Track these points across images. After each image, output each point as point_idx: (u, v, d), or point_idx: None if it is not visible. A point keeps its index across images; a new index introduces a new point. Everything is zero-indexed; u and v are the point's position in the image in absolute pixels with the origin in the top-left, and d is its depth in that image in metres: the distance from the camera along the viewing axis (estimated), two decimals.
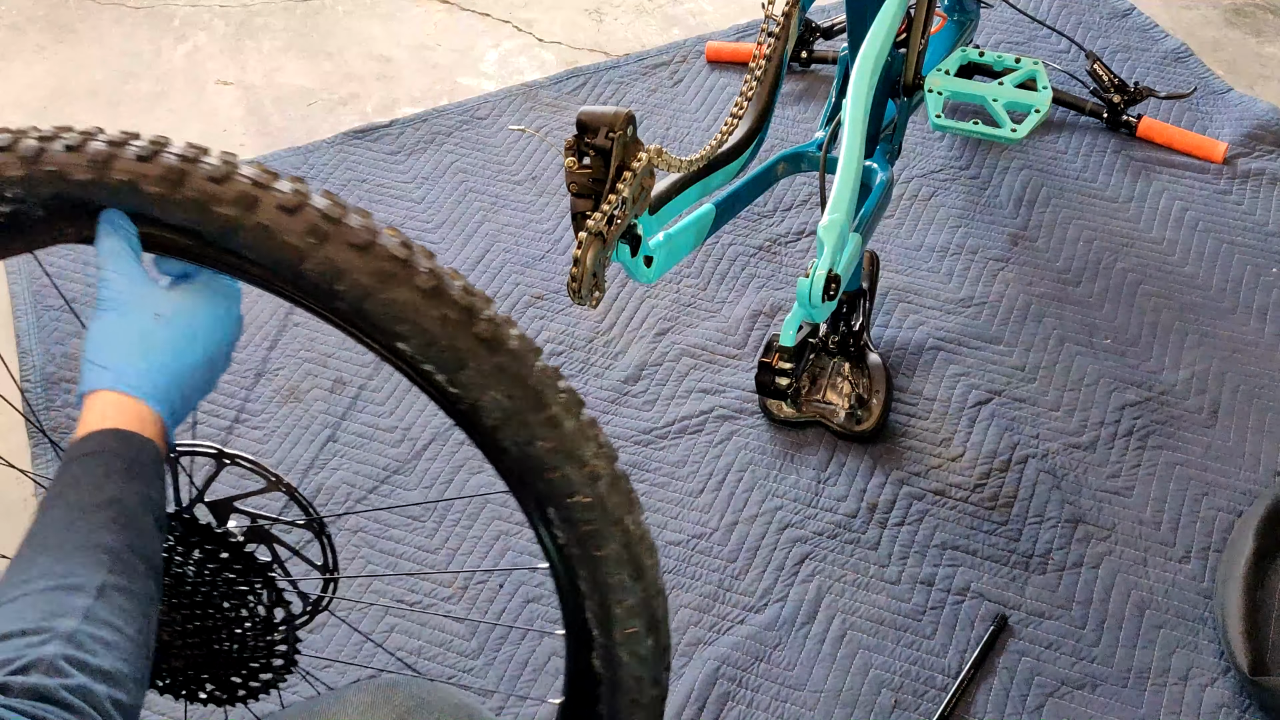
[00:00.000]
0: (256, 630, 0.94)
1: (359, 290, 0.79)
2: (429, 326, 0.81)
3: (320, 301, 0.81)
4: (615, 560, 0.91)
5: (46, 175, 0.79)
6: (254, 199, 0.78)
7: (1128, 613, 1.46)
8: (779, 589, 1.49)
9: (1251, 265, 1.82)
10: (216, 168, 0.79)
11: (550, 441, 0.86)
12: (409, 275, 0.80)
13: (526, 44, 2.25)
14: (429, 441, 1.63)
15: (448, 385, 0.84)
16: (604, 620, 0.95)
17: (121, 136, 0.80)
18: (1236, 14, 2.25)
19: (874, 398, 1.62)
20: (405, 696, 0.85)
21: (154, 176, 0.78)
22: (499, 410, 0.84)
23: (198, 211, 0.78)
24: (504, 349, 0.83)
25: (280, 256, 0.79)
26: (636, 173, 0.97)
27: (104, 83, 2.16)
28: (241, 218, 0.78)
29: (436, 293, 0.81)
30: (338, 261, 0.79)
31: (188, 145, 0.80)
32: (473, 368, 0.83)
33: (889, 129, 1.53)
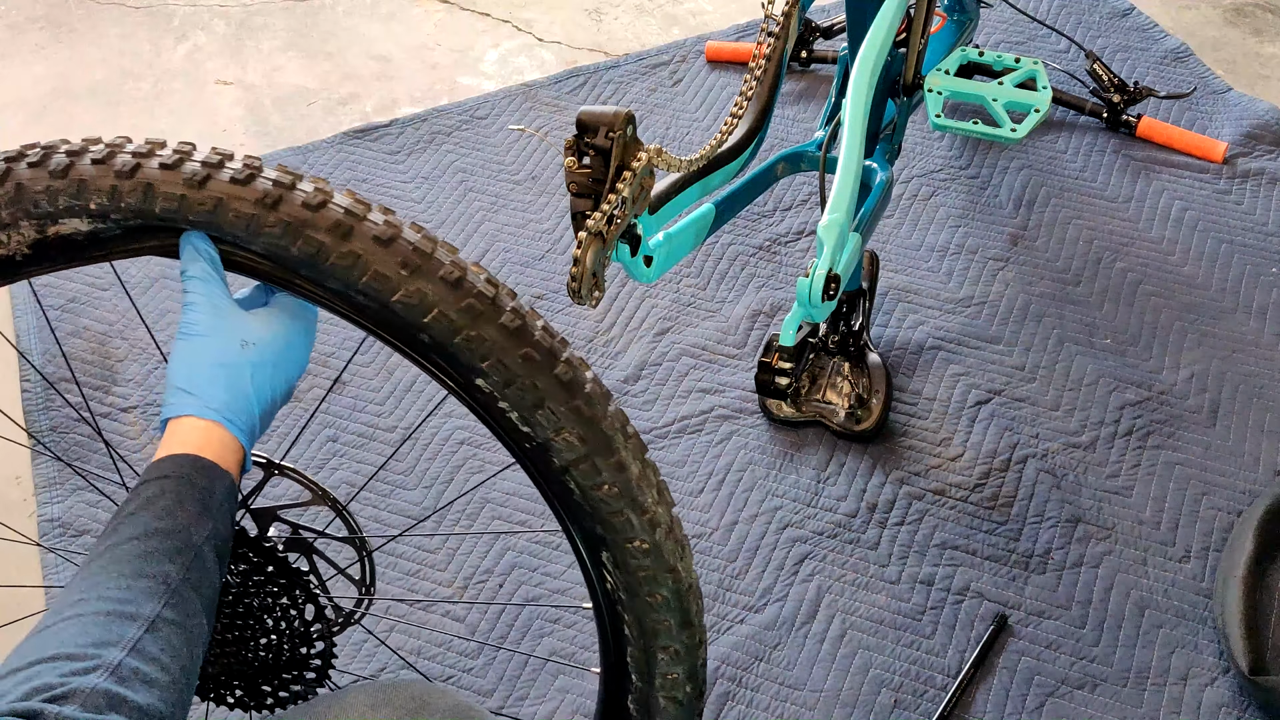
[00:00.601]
0: (290, 639, 0.94)
1: (447, 326, 0.80)
2: (512, 365, 0.82)
3: (401, 333, 0.82)
4: (665, 607, 0.92)
5: (139, 190, 0.79)
6: (348, 228, 0.79)
7: (1128, 612, 1.46)
8: (779, 589, 1.49)
9: (1251, 265, 1.82)
10: (311, 194, 0.79)
11: (616, 486, 0.86)
12: (496, 313, 0.81)
13: (526, 44, 2.25)
14: (428, 442, 1.63)
15: (520, 423, 0.85)
16: (645, 665, 0.95)
17: (217, 157, 0.80)
18: (1236, 14, 2.25)
19: (874, 397, 1.62)
20: (406, 698, 0.85)
21: (249, 200, 0.78)
22: (570, 451, 0.85)
23: (289, 237, 0.79)
24: (581, 392, 0.84)
25: (370, 286, 0.80)
26: (636, 172, 0.97)
27: (104, 82, 2.16)
28: (334, 246, 0.78)
29: (521, 332, 0.82)
30: (429, 295, 0.80)
31: (281, 169, 0.80)
32: (550, 408, 0.84)
33: (889, 129, 1.53)
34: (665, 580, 0.91)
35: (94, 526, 1.54)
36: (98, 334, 1.76)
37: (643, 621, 0.93)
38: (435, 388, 1.67)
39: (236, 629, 0.93)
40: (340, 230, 0.79)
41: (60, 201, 0.79)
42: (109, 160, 0.79)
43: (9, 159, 0.80)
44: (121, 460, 0.95)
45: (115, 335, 1.77)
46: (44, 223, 0.80)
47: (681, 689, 0.96)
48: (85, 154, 0.80)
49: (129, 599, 0.67)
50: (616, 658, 0.96)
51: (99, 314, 1.79)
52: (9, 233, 0.80)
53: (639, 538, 0.89)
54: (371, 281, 0.79)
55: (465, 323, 0.81)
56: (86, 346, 1.74)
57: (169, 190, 0.79)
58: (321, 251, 0.79)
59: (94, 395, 1.68)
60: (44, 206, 0.79)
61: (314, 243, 0.79)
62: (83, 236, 0.81)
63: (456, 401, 0.85)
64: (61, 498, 1.58)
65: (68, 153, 0.80)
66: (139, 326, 1.77)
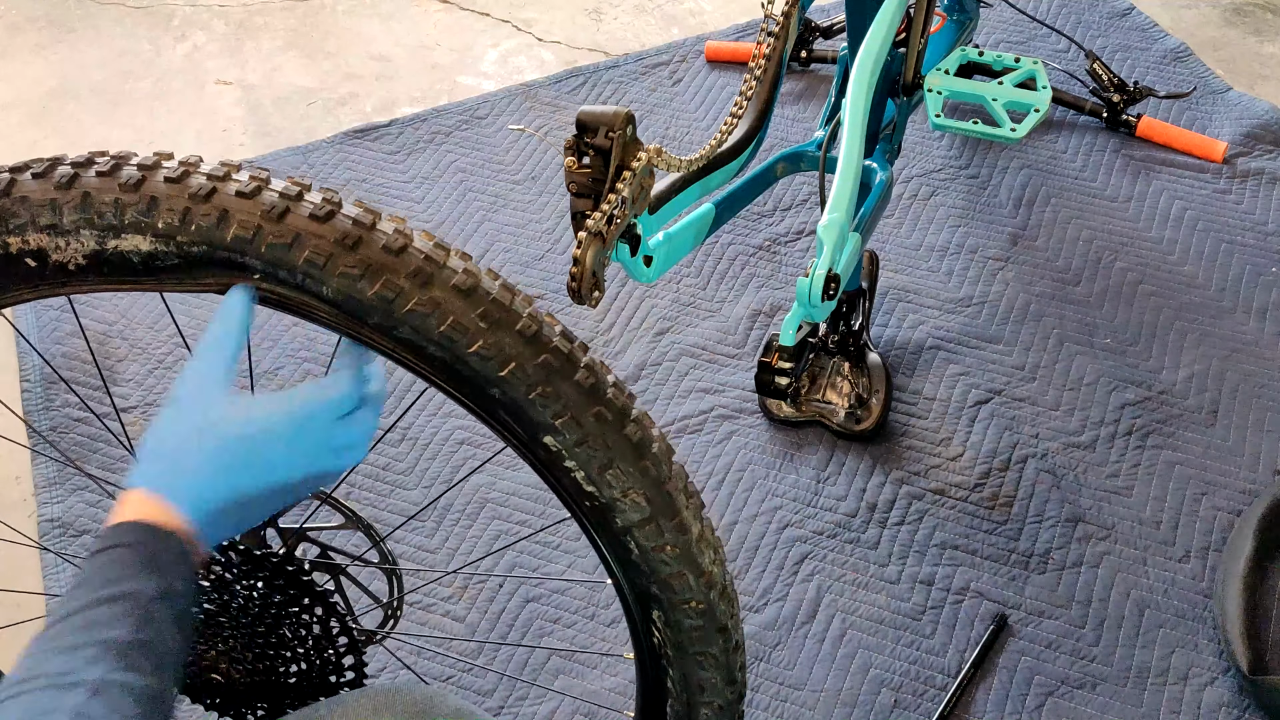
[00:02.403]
0: (313, 659, 0.93)
1: (522, 381, 0.78)
2: (585, 424, 0.80)
3: (469, 386, 0.78)
4: (713, 665, 0.91)
5: (213, 216, 0.75)
6: (429, 275, 0.76)
7: (1128, 612, 1.46)
8: (779, 589, 1.49)
9: (1251, 265, 1.82)
10: (392, 237, 0.76)
11: (678, 548, 0.85)
12: (571, 370, 0.79)
13: (526, 43, 2.25)
14: (428, 442, 1.63)
15: (585, 482, 0.82)
16: (686, 717, 0.95)
17: (296, 188, 0.77)
18: (1236, 14, 2.25)
19: (873, 397, 1.62)
20: (408, 702, 0.85)
21: (328, 239, 0.75)
22: (636, 513, 0.83)
23: (367, 281, 0.75)
24: (650, 452, 0.83)
25: (445, 337, 0.76)
26: (636, 172, 0.97)
27: (104, 82, 2.16)
28: (413, 293, 0.75)
29: (595, 390, 0.80)
30: (506, 349, 0.77)
31: (362, 207, 0.77)
32: (619, 468, 0.81)
33: (889, 128, 1.53)
34: (716, 639, 0.90)
35: (94, 526, 1.54)
36: (98, 334, 1.76)
37: (689, 678, 0.92)
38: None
39: (260, 647, 0.93)
40: (421, 277, 0.75)
41: (127, 216, 0.76)
42: (183, 180, 0.76)
43: (76, 165, 0.78)
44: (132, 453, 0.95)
45: (115, 335, 1.77)
46: (106, 235, 0.76)
47: (731, 713, 0.96)
48: (158, 170, 0.77)
49: (72, 668, 0.64)
50: (655, 707, 0.95)
51: (99, 314, 1.79)
52: (69, 240, 0.77)
53: (695, 599, 0.87)
54: (449, 332, 0.76)
55: (541, 379, 0.78)
56: (86, 346, 1.74)
57: (244, 219, 0.75)
58: (400, 299, 0.75)
59: (93, 395, 1.68)
60: (109, 218, 0.76)
61: (393, 288, 0.75)
62: (140, 258, 0.77)
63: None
64: (61, 498, 1.58)
65: (139, 166, 0.77)
66: (138, 326, 1.77)
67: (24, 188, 0.77)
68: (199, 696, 0.99)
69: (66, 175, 0.77)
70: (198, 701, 0.99)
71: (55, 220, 0.76)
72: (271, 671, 0.94)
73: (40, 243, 0.77)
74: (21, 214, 0.77)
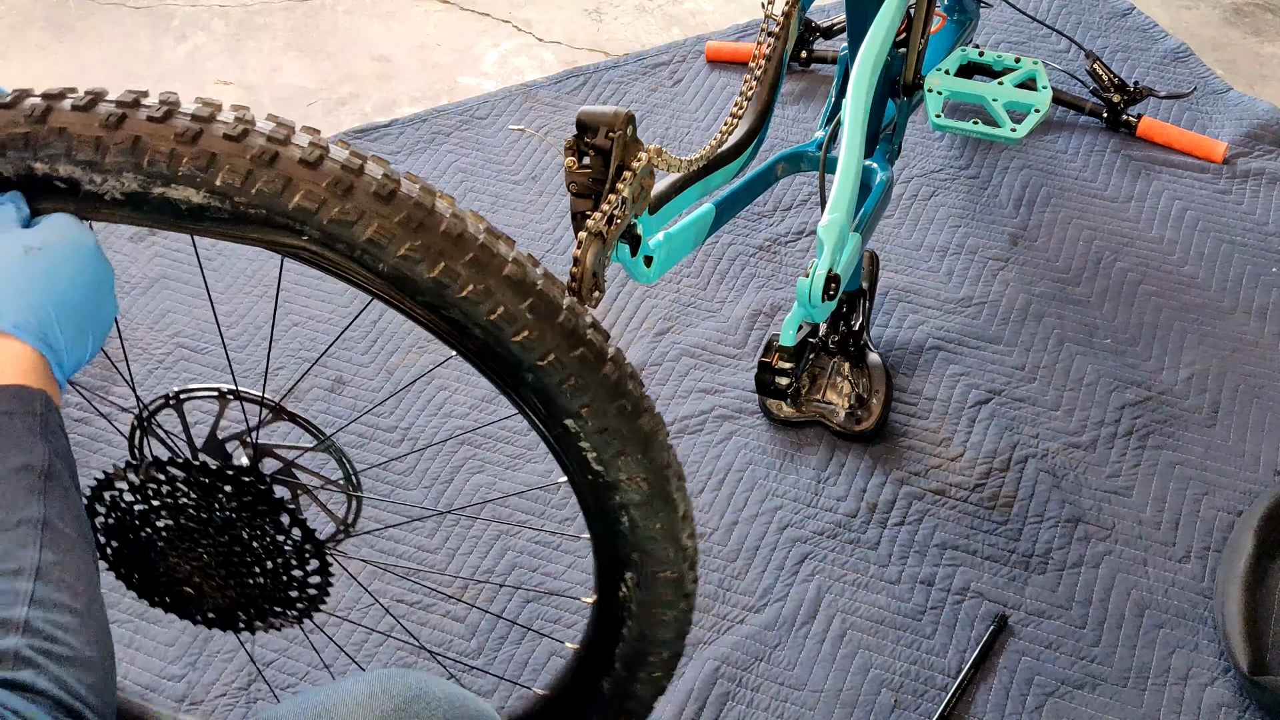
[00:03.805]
0: (283, 559, 0.95)
1: (558, 372, 0.81)
2: (608, 415, 0.84)
3: (504, 367, 0.82)
4: (669, 625, 0.99)
5: (277, 183, 0.74)
6: (485, 264, 0.78)
7: (1128, 612, 1.46)
8: (779, 589, 1.49)
9: (1251, 265, 1.82)
10: (452, 221, 0.78)
11: (667, 526, 0.92)
12: (600, 364, 0.83)
13: (526, 44, 2.25)
14: (429, 442, 1.63)
15: (595, 462, 0.87)
16: (633, 662, 1.02)
17: (358, 161, 0.76)
18: (1236, 14, 2.25)
19: (874, 397, 1.62)
20: (403, 686, 0.86)
21: (392, 219, 0.75)
22: (635, 494, 0.89)
23: (426, 264, 0.77)
24: (656, 442, 0.88)
25: (494, 324, 0.79)
26: (636, 172, 0.97)
27: (104, 82, 2.15)
28: (470, 279, 0.77)
29: (619, 385, 0.85)
30: (547, 341, 0.81)
31: (423, 188, 0.78)
32: (630, 456, 0.87)
33: (889, 129, 1.53)
34: (678, 604, 0.97)
35: None
36: None
37: (645, 633, 0.99)
38: (435, 389, 1.67)
39: (231, 557, 0.94)
40: (478, 265, 0.77)
41: (181, 169, 0.73)
42: (243, 139, 0.74)
43: (123, 105, 0.75)
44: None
45: (115, 335, 1.77)
46: (153, 181, 0.74)
47: (658, 685, 1.05)
48: (214, 123, 0.75)
49: (6, 554, 0.64)
50: (605, 649, 1.02)
51: None
52: (109, 178, 0.74)
53: (670, 569, 0.94)
54: (499, 320, 0.79)
55: (575, 370, 0.82)
56: None
57: (309, 189, 0.74)
58: (457, 283, 0.77)
59: (93, 395, 1.68)
60: (160, 168, 0.73)
61: (452, 274, 0.77)
62: (188, 207, 0.75)
63: (455, 402, 0.85)
64: None
65: (194, 118, 0.75)
66: (138, 327, 1.77)
67: (63, 118, 0.74)
68: (180, 610, 1.00)
69: (114, 115, 0.74)
70: (180, 616, 1.01)
71: (96, 158, 0.73)
72: (239, 581, 0.96)
73: (73, 174, 0.74)
74: (56, 145, 0.73)
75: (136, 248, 1.88)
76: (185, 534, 0.93)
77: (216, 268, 1.85)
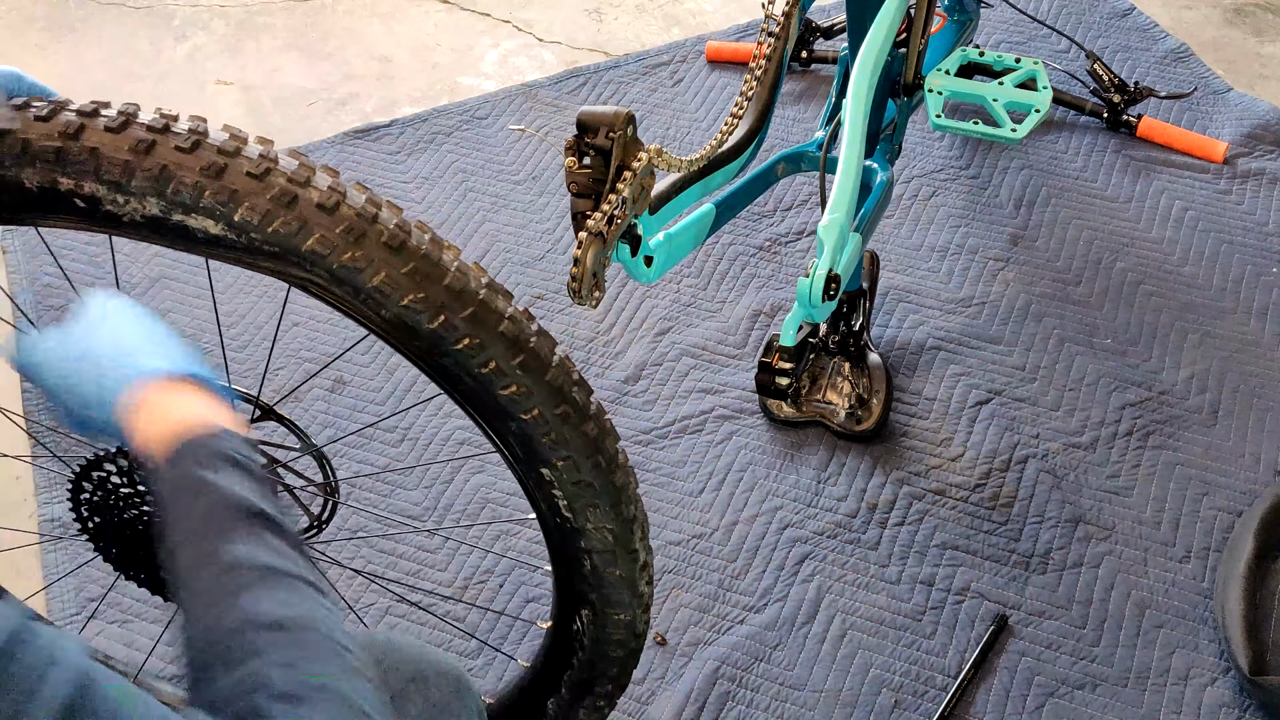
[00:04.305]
0: None
1: (540, 424, 0.85)
2: (582, 468, 0.89)
3: (490, 414, 0.85)
4: (621, 649, 1.04)
5: (294, 224, 0.77)
6: (487, 323, 0.81)
7: (1128, 613, 1.46)
8: (779, 589, 1.49)
9: (1251, 265, 1.82)
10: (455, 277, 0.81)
11: (626, 574, 0.97)
12: (582, 420, 0.88)
13: (526, 44, 2.25)
14: (429, 442, 1.63)
15: (565, 509, 0.91)
16: (579, 688, 1.08)
17: (372, 209, 0.79)
18: (1236, 14, 2.25)
19: (874, 398, 1.62)
20: (401, 659, 0.88)
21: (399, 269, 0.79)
22: (601, 543, 0.93)
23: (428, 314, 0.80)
24: (628, 495, 0.93)
25: (485, 377, 0.83)
26: (636, 173, 0.97)
27: (104, 82, 2.16)
28: (467, 332, 0.81)
29: (599, 441, 0.89)
30: (534, 396, 0.84)
31: (432, 239, 0.81)
32: (600, 509, 0.91)
33: (889, 129, 1.53)
34: (629, 644, 1.03)
35: None
36: None
37: (594, 665, 1.05)
38: (435, 389, 1.67)
39: None
40: (476, 320, 0.81)
41: (204, 202, 0.75)
42: (265, 178, 0.76)
43: (153, 130, 0.75)
44: None
45: None
46: (174, 209, 0.75)
47: (600, 713, 1.11)
48: (239, 158, 0.76)
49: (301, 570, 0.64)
50: (554, 672, 1.08)
51: None
52: (132, 201, 0.75)
53: (625, 612, 0.99)
54: (490, 373, 0.82)
55: (557, 426, 0.85)
56: None
57: (324, 235, 0.77)
58: (454, 335, 0.80)
59: None
60: (184, 198, 0.75)
61: (450, 327, 0.80)
62: (205, 236, 0.77)
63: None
64: (62, 498, 1.58)
65: (220, 151, 0.76)
66: None
67: (95, 137, 0.75)
68: (155, 588, 1.01)
69: (144, 140, 0.75)
70: (153, 593, 1.01)
71: (122, 180, 0.75)
72: None
73: (97, 193, 0.75)
74: (85, 163, 0.74)
75: (136, 248, 1.88)
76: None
77: (216, 267, 1.85)
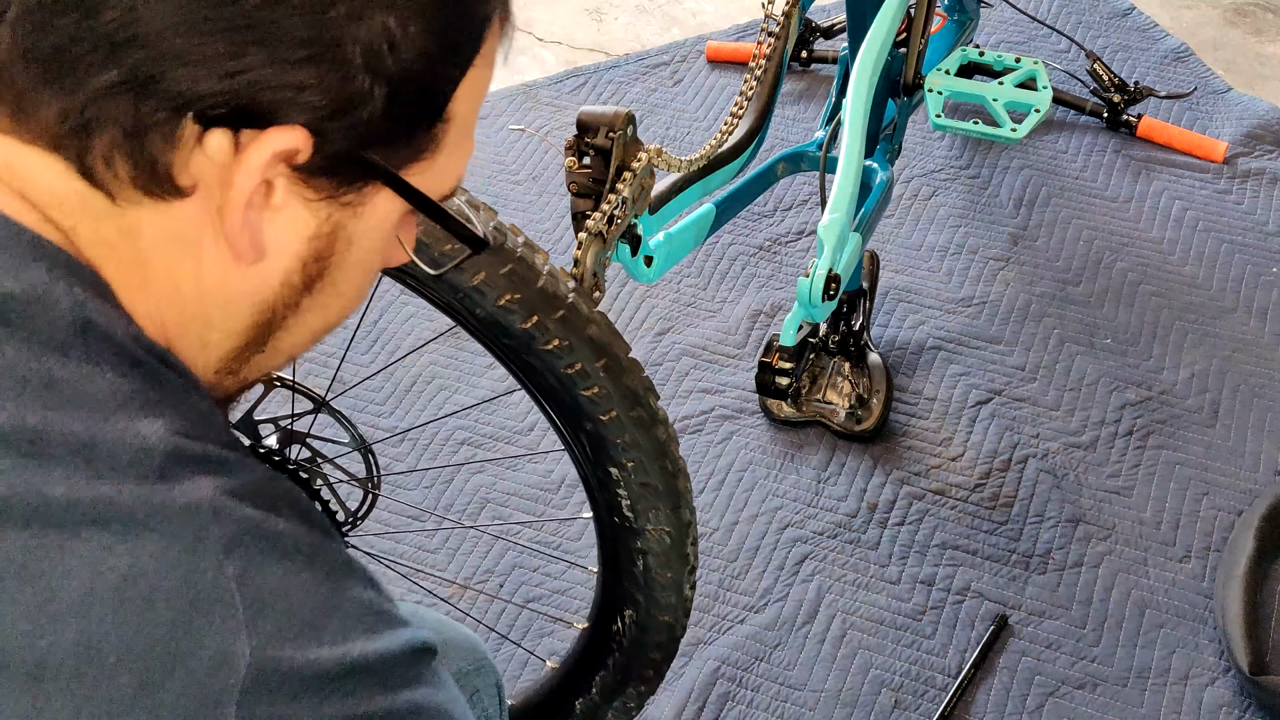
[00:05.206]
0: None
1: (616, 427, 0.88)
2: (650, 472, 0.91)
3: (567, 413, 0.88)
4: (658, 649, 1.06)
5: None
6: (571, 323, 0.84)
7: (1128, 612, 1.46)
8: (779, 589, 1.49)
9: (1251, 265, 1.82)
10: (548, 280, 0.84)
11: (678, 577, 0.99)
12: (653, 425, 0.91)
13: (526, 44, 2.25)
14: (429, 442, 1.63)
15: (627, 509, 0.94)
16: (610, 691, 1.09)
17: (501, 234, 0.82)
18: (1236, 14, 2.25)
19: (874, 397, 1.62)
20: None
21: (496, 270, 0.81)
22: (659, 545, 0.96)
23: (519, 316, 0.83)
24: (687, 501, 0.95)
25: (568, 377, 0.86)
26: (636, 173, 0.97)
27: None
28: (555, 336, 0.85)
29: (666, 446, 0.92)
30: (612, 400, 0.88)
31: (525, 242, 0.84)
32: (661, 511, 0.93)
33: (889, 129, 1.53)
34: (668, 646, 1.04)
35: None
36: None
37: (629, 667, 1.06)
38: (435, 388, 1.67)
39: None
40: (566, 323, 0.84)
41: None
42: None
43: None
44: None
45: None
46: None
47: (629, 715, 1.11)
48: None
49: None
50: (586, 674, 1.10)
51: None
52: None
53: (669, 614, 1.01)
54: (575, 374, 0.85)
55: (632, 428, 0.88)
56: None
57: (431, 234, 0.78)
58: (545, 336, 0.83)
59: None
60: None
61: (542, 328, 0.83)
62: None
63: (455, 403, 0.87)
64: None
65: None
66: None
67: None
68: None
69: None
70: None
71: None
72: None
73: None
74: None
75: None
76: None
77: None
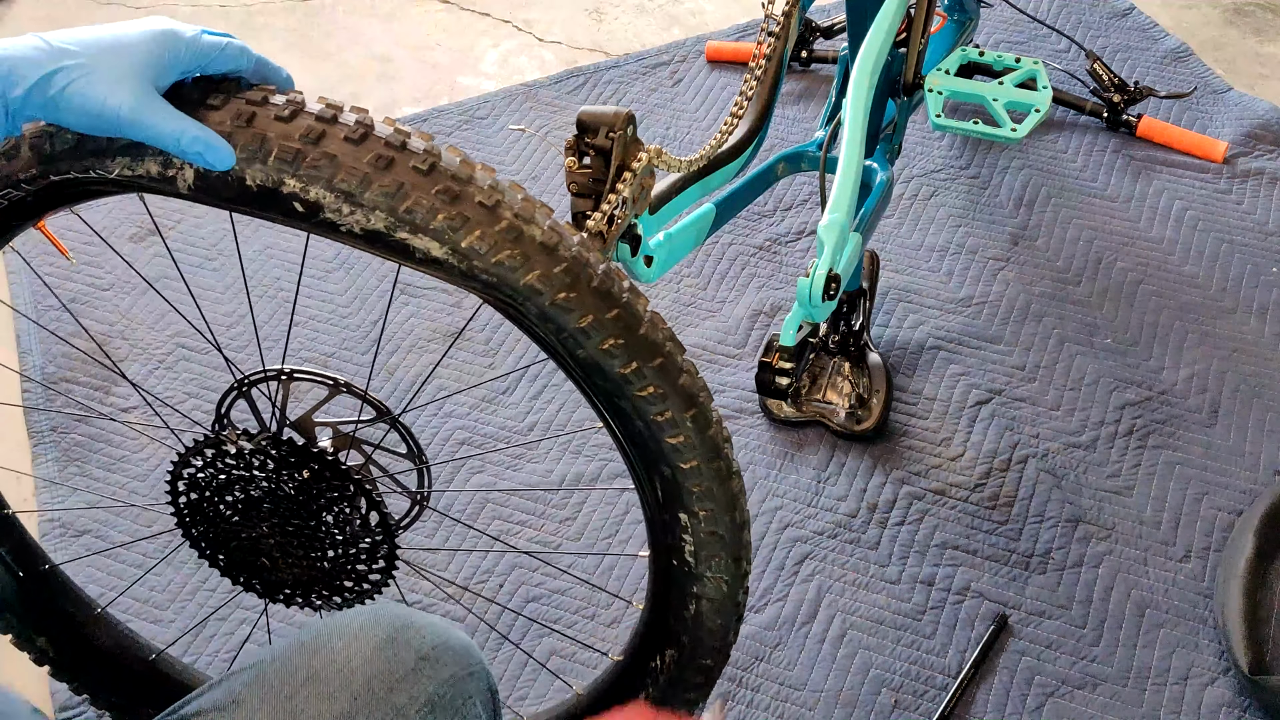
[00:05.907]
0: (364, 535, 0.97)
1: (696, 475, 0.88)
2: (724, 523, 0.91)
3: (636, 441, 0.87)
4: (690, 703, 1.05)
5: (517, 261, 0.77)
6: (640, 343, 0.83)
7: (1128, 612, 1.46)
8: (779, 589, 1.49)
9: (1251, 265, 1.82)
10: (626, 303, 0.82)
11: (726, 625, 0.99)
12: (730, 477, 0.90)
13: (526, 43, 2.25)
14: (428, 442, 1.63)
15: (689, 555, 0.93)
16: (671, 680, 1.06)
17: (587, 255, 0.80)
18: (1236, 14, 2.25)
19: (874, 397, 1.62)
20: (392, 618, 0.88)
21: (594, 309, 0.80)
22: (715, 592, 0.95)
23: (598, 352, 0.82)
24: (747, 555, 0.95)
25: (640, 400, 0.85)
26: (636, 173, 0.97)
27: None
28: (641, 370, 0.83)
29: (737, 499, 0.91)
30: (688, 439, 0.86)
31: (616, 274, 0.83)
32: (723, 557, 0.93)
33: (889, 128, 1.53)
34: (705, 688, 1.04)
35: (94, 526, 1.54)
36: (98, 334, 1.76)
37: (663, 701, 1.05)
38: (435, 388, 1.67)
39: (303, 537, 0.96)
40: (662, 371, 0.83)
41: (434, 224, 0.74)
42: (495, 210, 0.76)
43: (391, 146, 0.74)
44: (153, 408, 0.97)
45: (116, 335, 1.77)
46: (400, 226, 0.74)
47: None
48: (471, 185, 0.75)
49: None
50: (619, 703, 1.07)
51: (99, 314, 1.79)
52: (358, 213, 0.74)
53: (711, 658, 1.00)
54: (664, 422, 0.84)
55: (709, 477, 0.88)
56: (87, 346, 1.74)
57: (545, 274, 0.78)
58: (640, 383, 0.83)
59: (94, 396, 1.68)
60: (414, 217, 0.74)
61: (640, 374, 0.82)
62: (421, 253, 0.76)
63: (456, 401, 0.87)
64: (62, 498, 1.58)
65: (454, 177, 0.75)
66: (139, 327, 1.77)
67: (334, 146, 0.74)
68: (248, 584, 1.03)
69: (383, 158, 0.74)
70: (244, 587, 1.03)
71: (355, 192, 0.73)
72: (309, 557, 0.98)
73: (323, 199, 0.74)
74: (323, 169, 0.73)
75: (137, 248, 1.88)
76: (264, 505, 0.96)
77: (218, 266, 1.86)
